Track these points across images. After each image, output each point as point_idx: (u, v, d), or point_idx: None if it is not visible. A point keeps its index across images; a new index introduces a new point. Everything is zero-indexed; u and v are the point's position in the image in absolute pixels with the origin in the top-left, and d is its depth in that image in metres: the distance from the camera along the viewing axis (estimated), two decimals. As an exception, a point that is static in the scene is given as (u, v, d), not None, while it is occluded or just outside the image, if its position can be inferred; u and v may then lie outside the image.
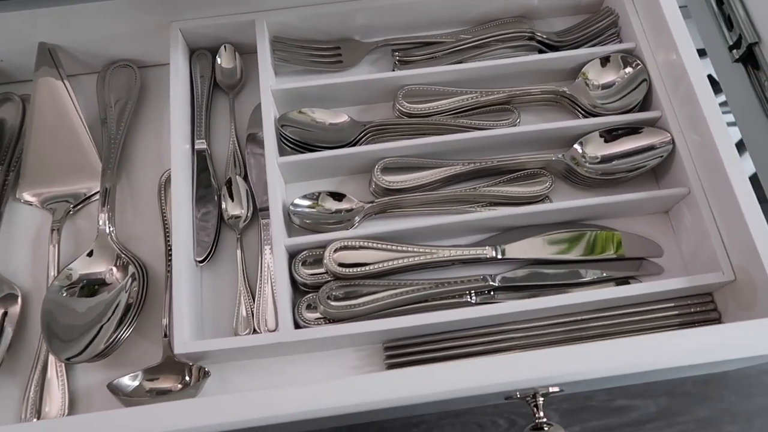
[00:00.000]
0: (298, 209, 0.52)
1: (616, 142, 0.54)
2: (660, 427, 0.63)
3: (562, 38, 0.61)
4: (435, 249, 0.51)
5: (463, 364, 0.43)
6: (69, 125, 0.58)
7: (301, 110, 0.55)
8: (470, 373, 0.43)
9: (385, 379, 0.43)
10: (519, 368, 0.42)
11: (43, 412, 0.49)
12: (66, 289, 0.50)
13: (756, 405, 0.64)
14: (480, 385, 0.43)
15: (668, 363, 0.42)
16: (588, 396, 0.65)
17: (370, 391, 0.42)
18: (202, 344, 0.47)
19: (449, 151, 0.55)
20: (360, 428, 0.65)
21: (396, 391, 0.42)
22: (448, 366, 0.43)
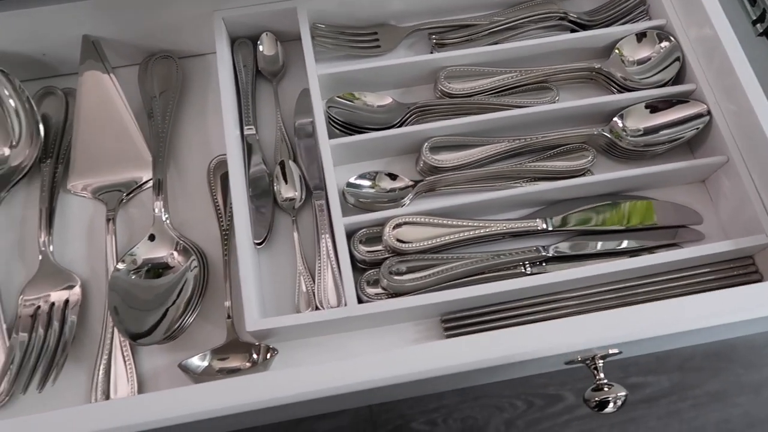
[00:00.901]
0: (354, 189, 0.54)
1: (656, 115, 0.56)
2: (673, 402, 0.66)
3: (593, 17, 0.62)
4: (488, 223, 0.53)
5: (528, 329, 0.45)
6: (116, 116, 0.58)
7: (351, 93, 0.57)
8: (535, 337, 0.44)
9: (454, 345, 0.44)
10: (581, 331, 0.44)
11: (113, 395, 0.50)
12: (133, 273, 0.51)
13: (763, 376, 0.66)
14: (545, 347, 0.44)
15: (727, 318, 0.44)
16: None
17: (442, 357, 0.44)
18: (273, 321, 0.48)
19: (493, 129, 0.57)
20: (382, 413, 0.67)
21: (466, 355, 0.44)
22: (514, 331, 0.45)
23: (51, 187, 0.57)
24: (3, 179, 0.56)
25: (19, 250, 0.56)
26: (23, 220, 0.57)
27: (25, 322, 0.52)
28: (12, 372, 0.49)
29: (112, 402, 0.44)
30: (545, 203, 0.56)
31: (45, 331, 0.51)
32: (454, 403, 0.67)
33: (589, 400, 0.48)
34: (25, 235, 0.57)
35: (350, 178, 0.54)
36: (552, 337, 0.44)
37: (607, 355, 0.48)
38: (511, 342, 0.44)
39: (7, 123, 0.57)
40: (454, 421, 0.66)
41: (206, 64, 0.64)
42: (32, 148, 0.57)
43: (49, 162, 0.58)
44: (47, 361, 0.50)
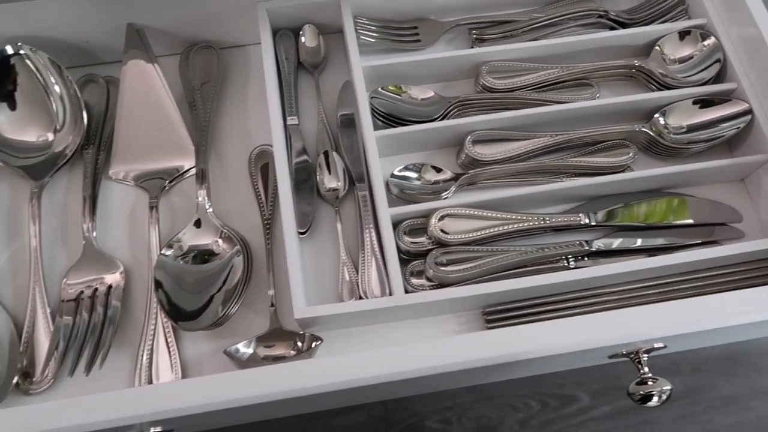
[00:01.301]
0: (399, 180, 0.54)
1: (698, 113, 0.56)
2: (686, 405, 0.66)
3: (632, 16, 0.63)
4: (531, 216, 0.53)
5: (573, 321, 0.45)
6: (159, 105, 0.59)
7: (398, 86, 0.57)
8: (580, 329, 0.45)
9: (503, 335, 0.44)
10: (626, 324, 0.45)
11: (155, 381, 0.50)
12: (180, 258, 0.52)
13: (778, 381, 0.67)
14: (590, 340, 0.45)
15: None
16: (617, 376, 0.67)
17: (491, 347, 0.44)
18: (321, 309, 0.48)
19: (534, 123, 0.57)
20: (397, 411, 0.67)
21: (515, 346, 0.44)
22: (559, 323, 0.45)
23: (93, 174, 0.57)
24: (47, 164, 0.56)
25: (62, 236, 0.56)
26: (65, 206, 0.58)
27: (69, 306, 0.52)
28: (58, 356, 0.49)
29: (165, 385, 0.44)
30: (584, 199, 0.57)
31: (89, 316, 0.51)
32: (468, 402, 0.67)
33: (634, 394, 0.48)
34: (67, 220, 0.57)
35: (395, 170, 0.55)
36: (597, 330, 0.45)
37: (652, 349, 0.48)
38: (557, 334, 0.45)
39: (51, 109, 0.57)
40: (468, 420, 0.66)
41: (246, 55, 0.64)
42: (75, 134, 0.57)
43: (91, 149, 0.58)
44: (93, 345, 0.50)
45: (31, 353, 0.51)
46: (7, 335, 0.50)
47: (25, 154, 0.57)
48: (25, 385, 0.50)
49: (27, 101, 0.57)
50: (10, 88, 0.56)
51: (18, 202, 0.58)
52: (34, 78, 0.57)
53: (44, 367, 0.50)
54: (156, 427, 0.46)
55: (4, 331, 0.51)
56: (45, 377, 0.50)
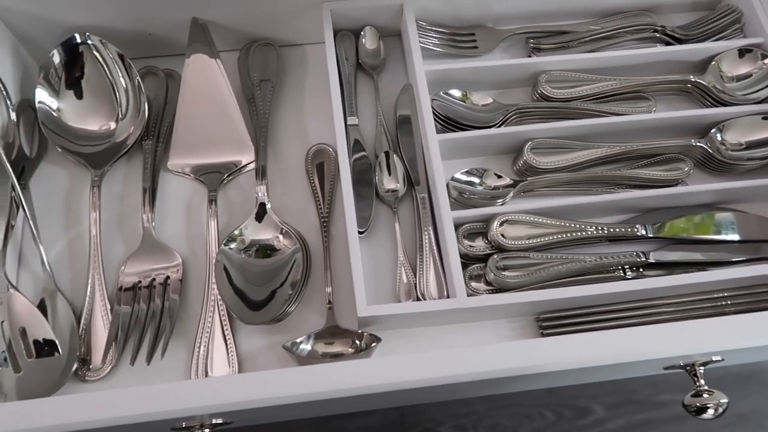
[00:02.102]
0: (460, 184, 0.55)
1: (755, 131, 0.57)
2: (702, 421, 0.65)
3: (688, 32, 0.64)
4: (589, 225, 0.54)
5: (631, 332, 0.45)
6: (220, 100, 0.59)
7: (462, 91, 0.58)
8: (638, 340, 0.45)
9: (565, 342, 0.45)
10: (683, 337, 0.45)
11: (210, 374, 0.51)
12: (243, 251, 0.52)
13: (793, 400, 0.67)
14: (648, 351, 0.45)
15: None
16: (633, 390, 0.67)
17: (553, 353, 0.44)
18: (383, 308, 0.49)
19: (591, 134, 0.58)
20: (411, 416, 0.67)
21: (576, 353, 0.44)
22: (618, 333, 0.45)
23: (153, 165, 0.58)
24: (108, 153, 0.57)
25: (119, 225, 0.57)
26: (122, 196, 0.58)
27: (126, 294, 0.52)
28: (119, 344, 0.50)
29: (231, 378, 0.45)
30: (637, 210, 0.57)
31: (147, 305, 0.52)
32: (483, 409, 0.67)
33: (689, 406, 0.48)
34: (124, 210, 0.57)
35: (457, 173, 0.55)
36: (658, 342, 0.45)
37: (709, 362, 0.49)
38: (618, 343, 0.45)
39: (115, 99, 0.58)
40: (483, 428, 0.66)
41: (303, 54, 0.65)
42: (137, 125, 0.58)
43: (150, 141, 0.59)
44: (152, 334, 0.50)
45: (89, 340, 0.51)
46: (68, 322, 0.51)
47: (86, 142, 0.57)
48: (82, 371, 0.50)
49: (92, 90, 0.58)
50: (77, 75, 0.57)
51: (76, 190, 0.58)
52: (100, 68, 0.57)
53: (104, 354, 0.50)
54: (217, 419, 0.47)
55: (65, 319, 0.51)
56: (103, 365, 0.50)
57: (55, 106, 0.57)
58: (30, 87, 0.59)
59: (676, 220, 0.55)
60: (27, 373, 0.48)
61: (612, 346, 0.45)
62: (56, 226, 0.57)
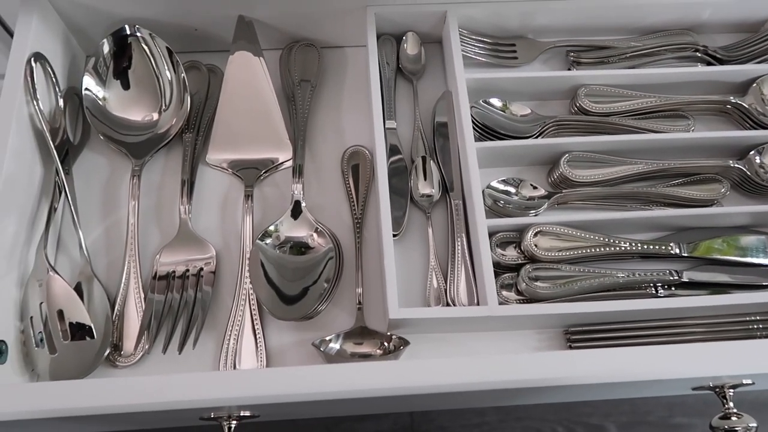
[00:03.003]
0: (496, 192, 0.55)
1: (799, 154, 0.56)
2: None
3: (730, 53, 0.63)
4: (623, 241, 0.54)
5: (662, 350, 0.45)
6: (261, 97, 0.60)
7: (502, 101, 0.58)
8: (670, 358, 0.45)
9: (595, 356, 0.45)
10: (714, 357, 0.45)
11: (240, 366, 0.51)
12: (277, 247, 0.53)
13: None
14: (679, 370, 0.45)
15: None
16: (647, 411, 0.66)
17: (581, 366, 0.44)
18: (414, 312, 0.49)
19: (629, 150, 0.58)
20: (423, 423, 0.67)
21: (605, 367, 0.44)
22: (648, 350, 0.45)
23: (192, 158, 0.59)
24: (150, 143, 0.58)
25: (156, 215, 0.58)
26: (160, 186, 0.59)
27: (160, 284, 0.53)
28: (152, 332, 0.51)
29: (262, 371, 0.45)
30: (671, 228, 0.57)
31: (180, 296, 0.52)
32: (495, 420, 0.67)
33: (717, 428, 0.48)
34: (161, 200, 0.58)
35: (493, 182, 0.55)
36: (685, 361, 0.45)
37: (739, 385, 0.48)
38: (650, 360, 0.45)
39: (159, 90, 0.59)
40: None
41: (344, 57, 0.65)
42: (179, 117, 0.59)
43: (190, 134, 0.60)
44: (185, 324, 0.51)
45: (121, 327, 0.52)
46: (102, 308, 0.52)
47: (129, 131, 0.58)
48: (114, 357, 0.51)
49: (137, 81, 0.59)
50: (124, 66, 0.58)
51: (115, 178, 0.59)
52: (147, 60, 0.59)
53: (137, 341, 0.51)
54: (245, 411, 0.47)
55: (100, 304, 0.52)
56: (136, 351, 0.51)
57: (101, 95, 0.58)
58: (77, 75, 0.60)
59: (710, 241, 0.55)
60: (61, 355, 0.49)
61: (640, 363, 0.45)
62: (95, 212, 0.58)
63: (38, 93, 0.54)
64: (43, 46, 0.56)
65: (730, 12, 0.64)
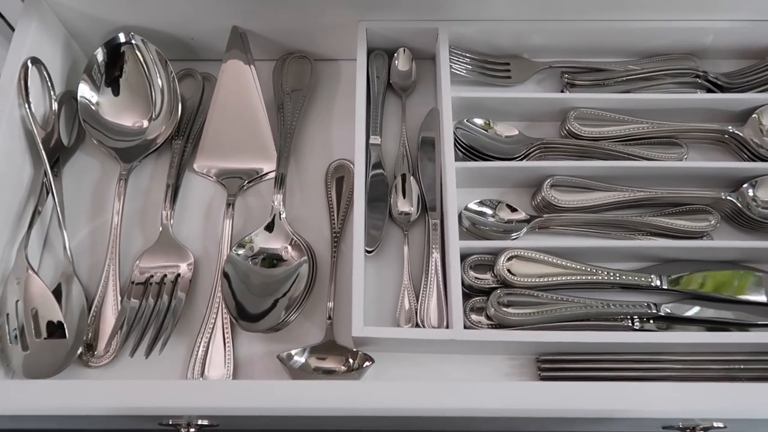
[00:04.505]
0: (473, 214, 0.54)
1: (790, 189, 0.54)
2: None
3: (732, 80, 0.61)
4: (601, 270, 0.52)
5: (632, 386, 0.44)
6: (250, 107, 0.61)
7: (485, 120, 0.57)
8: (639, 395, 0.44)
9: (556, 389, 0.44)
10: (687, 398, 0.44)
11: (206, 374, 0.52)
12: (250, 259, 0.53)
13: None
14: (648, 408, 0.44)
15: None
16: None
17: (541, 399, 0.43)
18: (379, 331, 0.49)
19: (616, 176, 0.56)
20: None
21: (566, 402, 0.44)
22: (617, 385, 0.44)
23: (179, 164, 0.60)
24: (138, 149, 0.59)
25: (140, 219, 0.59)
26: (147, 192, 0.60)
27: (137, 289, 0.54)
28: (122, 335, 0.51)
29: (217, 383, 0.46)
30: (657, 259, 0.55)
31: (155, 301, 0.53)
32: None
33: (686, 469, 0.46)
34: (147, 205, 0.60)
35: (471, 203, 0.55)
36: (656, 399, 0.44)
37: (710, 428, 0.46)
38: (615, 396, 0.44)
39: (150, 98, 0.60)
40: None
41: (337, 70, 0.66)
42: (168, 125, 0.60)
43: (180, 140, 0.61)
44: (154, 330, 0.52)
45: (97, 327, 0.53)
46: (79, 306, 0.53)
47: (119, 137, 0.60)
48: (87, 357, 0.52)
49: (130, 88, 0.60)
50: (117, 74, 0.60)
51: (105, 181, 0.60)
52: (140, 67, 0.60)
53: (107, 343, 0.52)
54: (203, 421, 0.48)
55: (77, 304, 0.53)
56: (106, 353, 0.52)
57: (95, 100, 0.60)
58: (77, 79, 0.62)
59: (695, 275, 0.53)
60: (34, 353, 0.50)
61: (607, 399, 0.44)
62: (83, 213, 0.59)
63: (31, 96, 0.56)
64: (42, 50, 0.58)
65: (734, 38, 0.62)
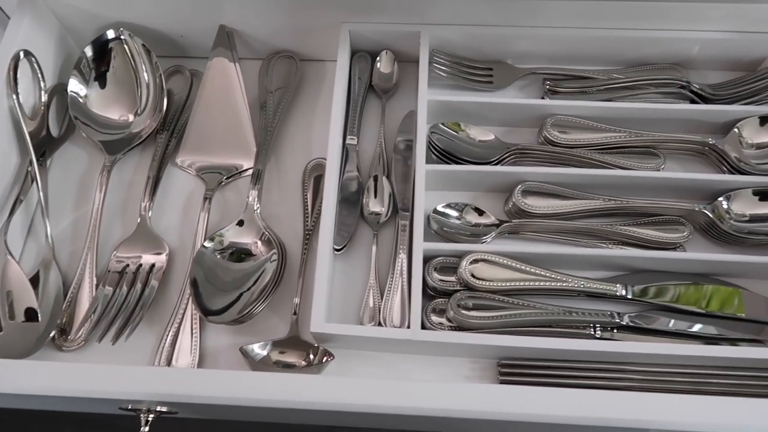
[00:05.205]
0: (440, 216, 0.54)
1: (765, 204, 0.53)
2: None
3: (717, 92, 0.61)
4: (566, 277, 0.52)
5: (590, 394, 0.44)
6: (233, 104, 0.62)
7: (456, 123, 0.58)
8: (596, 404, 0.44)
9: (511, 392, 0.44)
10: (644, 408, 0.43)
11: (174, 363, 0.53)
12: (218, 252, 0.54)
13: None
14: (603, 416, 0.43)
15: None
16: None
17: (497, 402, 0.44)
18: (337, 327, 0.49)
19: (590, 184, 0.56)
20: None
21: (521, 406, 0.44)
22: (575, 393, 0.44)
23: (162, 157, 0.61)
24: (122, 143, 0.61)
25: (122, 210, 0.60)
26: (131, 184, 0.62)
27: (113, 277, 0.55)
28: (92, 321, 0.53)
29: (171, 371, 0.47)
30: (628, 269, 0.55)
31: (128, 290, 0.55)
32: None
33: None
34: (129, 197, 0.61)
35: (438, 206, 0.55)
36: (613, 408, 0.43)
37: (663, 439, 0.46)
38: (571, 403, 0.44)
39: (137, 93, 0.62)
40: None
41: (323, 70, 0.67)
42: (153, 119, 0.61)
43: (164, 134, 0.62)
44: (125, 317, 0.53)
45: (72, 313, 0.55)
46: (55, 291, 0.54)
47: (106, 129, 0.61)
48: (60, 341, 0.54)
49: (117, 82, 0.62)
50: (104, 69, 0.61)
51: (92, 172, 0.62)
52: (128, 63, 0.62)
53: (78, 328, 0.53)
54: (162, 407, 0.49)
55: (54, 287, 0.55)
56: (78, 338, 0.53)
57: (83, 93, 0.61)
58: (70, 73, 0.64)
59: (662, 286, 0.53)
60: (6, 334, 0.52)
61: (561, 406, 0.44)
62: (68, 202, 0.61)
63: (21, 88, 0.58)
64: (35, 43, 0.60)
65: (720, 49, 0.61)
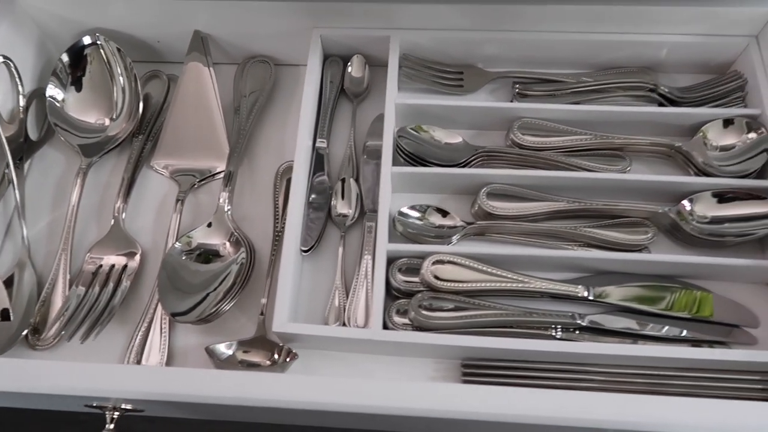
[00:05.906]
0: (404, 218, 0.55)
1: (728, 206, 0.54)
2: None
3: (685, 95, 0.61)
4: (528, 279, 0.53)
5: (550, 394, 0.45)
6: (207, 108, 0.63)
7: (422, 126, 0.58)
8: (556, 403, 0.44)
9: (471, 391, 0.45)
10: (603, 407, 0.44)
11: (144, 361, 0.54)
12: (186, 253, 0.55)
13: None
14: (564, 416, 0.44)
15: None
16: None
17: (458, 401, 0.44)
18: (299, 327, 0.50)
19: (556, 186, 0.57)
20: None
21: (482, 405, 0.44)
22: (536, 392, 0.44)
23: (137, 160, 0.62)
24: (98, 146, 0.62)
25: (98, 212, 0.62)
26: (107, 186, 0.63)
27: (86, 277, 0.56)
28: (63, 320, 0.54)
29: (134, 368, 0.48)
30: (592, 271, 0.55)
31: (100, 289, 0.56)
32: None
33: (592, 481, 0.46)
34: (105, 199, 0.62)
35: (402, 207, 0.56)
36: (572, 407, 0.44)
37: (619, 439, 0.46)
38: (530, 403, 0.44)
39: (112, 97, 0.63)
40: None
41: (297, 75, 0.68)
42: (129, 123, 0.63)
43: (141, 137, 0.64)
44: (95, 317, 0.54)
45: (45, 313, 0.56)
46: (28, 291, 0.56)
47: (82, 133, 0.62)
48: (33, 340, 0.55)
49: (93, 87, 0.63)
50: (81, 75, 0.63)
51: (69, 175, 0.63)
52: (104, 67, 0.63)
53: (50, 327, 0.54)
54: (127, 405, 0.50)
55: (28, 287, 0.56)
56: (50, 337, 0.54)
57: (61, 98, 0.63)
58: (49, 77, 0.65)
59: (623, 287, 0.53)
60: (-22, 333, 0.53)
61: (522, 405, 0.44)
62: (45, 204, 0.62)
63: (-3, 91, 0.59)
64: (14, 48, 0.61)
65: (687, 52, 0.62)
